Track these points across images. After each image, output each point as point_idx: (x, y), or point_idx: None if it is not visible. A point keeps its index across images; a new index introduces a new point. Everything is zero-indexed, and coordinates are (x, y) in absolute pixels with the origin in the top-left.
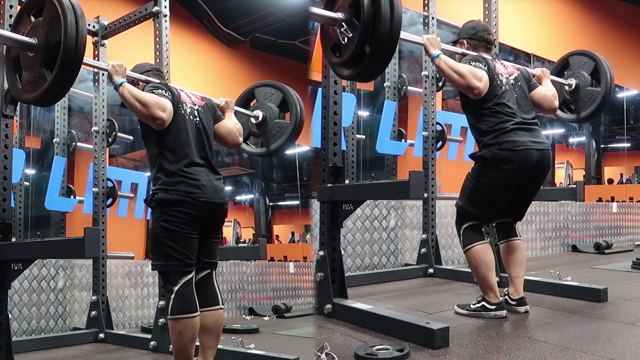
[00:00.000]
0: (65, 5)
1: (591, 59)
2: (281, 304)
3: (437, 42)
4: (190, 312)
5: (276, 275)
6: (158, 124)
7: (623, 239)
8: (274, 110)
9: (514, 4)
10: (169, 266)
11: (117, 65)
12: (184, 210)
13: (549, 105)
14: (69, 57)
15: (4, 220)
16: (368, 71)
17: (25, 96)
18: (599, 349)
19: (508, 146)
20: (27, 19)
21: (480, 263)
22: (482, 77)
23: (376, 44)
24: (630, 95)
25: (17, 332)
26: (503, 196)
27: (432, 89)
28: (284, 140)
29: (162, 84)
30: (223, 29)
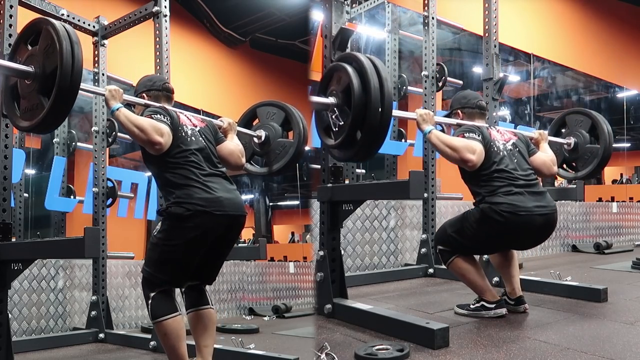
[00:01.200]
0: (61, 33)
1: (588, 117)
2: (281, 304)
3: (430, 116)
4: (170, 313)
5: (276, 275)
6: (156, 148)
7: (623, 239)
8: (276, 130)
9: (514, 4)
10: (156, 277)
11: (113, 90)
12: (197, 225)
13: (549, 170)
14: (65, 84)
15: (4, 220)
16: (360, 155)
17: (23, 124)
18: (599, 349)
19: (511, 209)
20: (23, 47)
21: (464, 271)
22: (475, 149)
23: (367, 131)
24: (630, 95)
25: (17, 332)
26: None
27: (432, 89)
28: (287, 160)
29: (161, 107)
30: (223, 29)
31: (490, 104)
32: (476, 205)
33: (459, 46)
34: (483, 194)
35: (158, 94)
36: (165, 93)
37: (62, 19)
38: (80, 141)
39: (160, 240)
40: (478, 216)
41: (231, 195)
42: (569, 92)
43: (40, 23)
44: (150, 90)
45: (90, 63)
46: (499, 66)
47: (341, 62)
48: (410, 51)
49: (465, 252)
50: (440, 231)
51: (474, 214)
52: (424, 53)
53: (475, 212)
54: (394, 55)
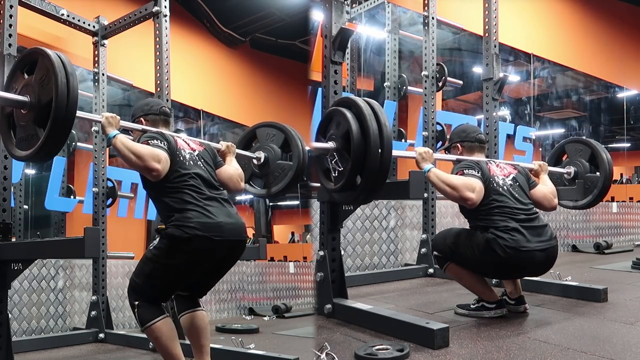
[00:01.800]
0: (56, 64)
1: (587, 146)
2: (281, 304)
3: (429, 155)
4: (156, 317)
5: (276, 275)
6: (154, 175)
7: (623, 239)
8: (276, 152)
9: (514, 4)
10: (144, 290)
11: (110, 117)
12: (194, 249)
13: (549, 203)
14: (60, 116)
15: (4, 220)
16: (361, 199)
17: (19, 153)
18: (599, 349)
19: (512, 244)
20: (20, 75)
21: (461, 274)
22: (474, 187)
23: (367, 175)
24: (630, 95)
25: (17, 332)
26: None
27: (432, 89)
28: (286, 182)
29: (158, 132)
30: (223, 29)
31: (490, 104)
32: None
33: (459, 46)
34: (485, 226)
35: (156, 118)
36: (163, 117)
37: (62, 19)
38: (80, 141)
39: (155, 256)
40: (483, 243)
41: (232, 220)
42: (569, 92)
43: (36, 53)
44: (148, 115)
45: (90, 63)
46: (499, 66)
47: (340, 106)
48: (410, 51)
49: (462, 265)
50: (439, 238)
51: (479, 240)
52: (424, 53)
53: (481, 239)
54: (394, 55)
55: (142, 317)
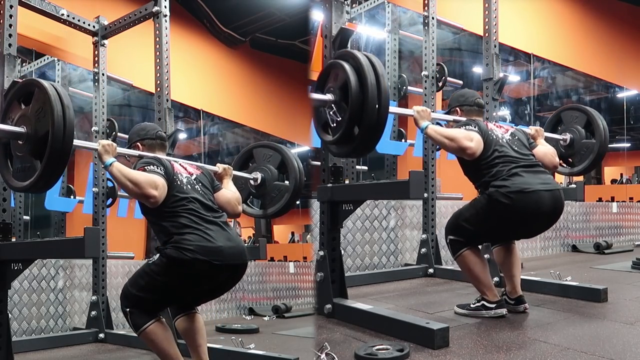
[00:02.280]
0: (52, 97)
1: (583, 113)
2: (281, 304)
3: (427, 113)
4: (150, 320)
5: (276, 275)
6: (151, 202)
7: (623, 239)
8: (272, 172)
9: (514, 4)
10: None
11: (107, 145)
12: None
13: (550, 161)
14: (57, 149)
15: (4, 220)
16: (358, 150)
17: (16, 184)
18: (599, 349)
19: (517, 187)
20: (16, 105)
21: (472, 265)
22: (473, 137)
23: (364, 126)
24: (630, 95)
25: (17, 332)
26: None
27: (432, 89)
28: (282, 204)
29: (154, 158)
30: (223, 29)
31: (490, 104)
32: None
33: (459, 46)
34: (488, 181)
35: (152, 142)
36: (159, 141)
37: (62, 19)
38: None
39: (152, 272)
40: (485, 202)
41: (232, 243)
42: (569, 92)
43: (32, 84)
44: (144, 139)
45: (90, 63)
46: (499, 66)
47: (338, 59)
48: (410, 51)
49: (476, 241)
50: (450, 221)
51: (481, 201)
52: (424, 53)
53: (482, 199)
54: (394, 55)
55: (135, 322)
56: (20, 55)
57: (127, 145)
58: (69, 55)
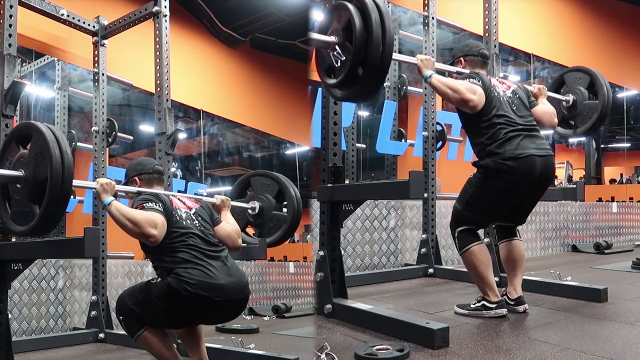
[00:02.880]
0: (50, 142)
1: (586, 74)
2: (281, 304)
3: (430, 62)
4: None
5: (276, 275)
6: (151, 241)
7: (623, 239)
8: (270, 202)
9: (514, 4)
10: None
11: (105, 184)
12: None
13: (549, 121)
14: (55, 195)
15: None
16: (361, 93)
17: (15, 228)
18: (599, 349)
19: (511, 154)
20: (14, 146)
21: (477, 263)
22: (476, 90)
23: (368, 67)
24: (630, 95)
25: (17, 332)
26: (504, 206)
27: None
28: (281, 234)
29: (152, 194)
30: (223, 29)
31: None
32: (477, 165)
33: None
34: (485, 144)
35: (150, 177)
36: (157, 175)
37: (62, 19)
38: (80, 141)
39: (152, 292)
40: (481, 175)
41: (234, 279)
42: None
43: (30, 128)
44: (141, 174)
45: (90, 63)
46: (499, 66)
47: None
48: (411, 51)
49: (482, 222)
50: (453, 213)
51: (475, 177)
52: (424, 53)
53: (477, 174)
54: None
55: (130, 328)
56: (20, 55)
57: (125, 179)
58: (69, 55)
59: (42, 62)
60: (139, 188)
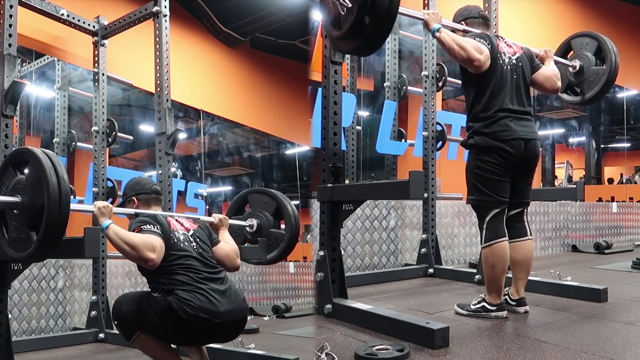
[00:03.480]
0: (47, 169)
1: (594, 39)
2: (281, 304)
3: (437, 16)
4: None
5: (276, 275)
6: (149, 265)
7: (623, 239)
8: (268, 219)
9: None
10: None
11: (102, 207)
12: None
13: (552, 86)
14: (53, 223)
15: None
16: (368, 43)
17: (12, 254)
18: (599, 349)
19: (499, 136)
20: (11, 171)
21: (497, 263)
22: (483, 50)
23: (375, 15)
24: (630, 95)
25: (17, 332)
26: (504, 177)
27: (432, 89)
28: (279, 252)
29: (149, 216)
30: (223, 29)
31: None
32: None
33: None
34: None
35: (148, 197)
36: (155, 195)
37: (62, 19)
38: (80, 141)
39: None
40: (472, 156)
41: (233, 305)
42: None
43: (26, 154)
44: (139, 194)
45: (90, 63)
46: None
47: None
48: (411, 51)
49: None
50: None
51: (469, 160)
52: (424, 53)
53: (469, 157)
54: (394, 56)
55: (126, 333)
56: (20, 55)
57: (122, 199)
58: (69, 55)
59: (42, 62)
60: (136, 210)
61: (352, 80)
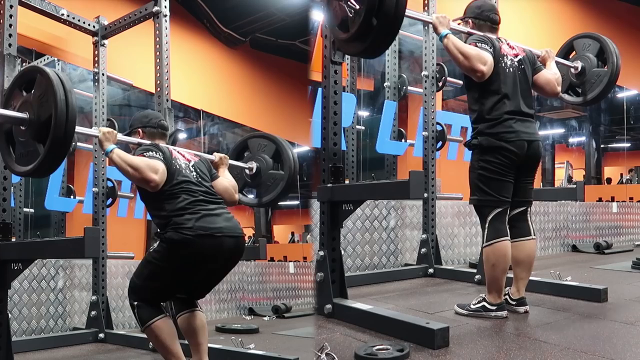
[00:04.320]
0: (54, 82)
1: (596, 41)
2: (281, 304)
3: (446, 21)
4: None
5: (276, 275)
6: (152, 186)
7: (623, 239)
8: (267, 162)
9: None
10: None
11: (107, 132)
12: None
13: (552, 89)
14: (60, 133)
15: (4, 220)
16: (375, 45)
17: (19, 169)
18: (599, 349)
19: (504, 137)
20: (18, 92)
21: (498, 262)
22: (487, 60)
23: (383, 16)
24: (630, 95)
25: (17, 332)
26: (507, 177)
27: (432, 89)
28: (277, 193)
29: (152, 144)
30: (223, 29)
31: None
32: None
33: None
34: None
35: (153, 131)
36: (161, 130)
37: (62, 19)
38: (81, 141)
39: (154, 259)
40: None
41: (230, 223)
42: None
43: (34, 71)
44: (146, 127)
45: (90, 63)
46: None
47: None
48: (410, 51)
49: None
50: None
51: (472, 161)
52: (424, 53)
53: (473, 157)
54: (394, 55)
55: (142, 317)
56: (20, 55)
57: (129, 129)
58: (69, 55)
59: (42, 62)
60: (140, 140)
61: (352, 80)
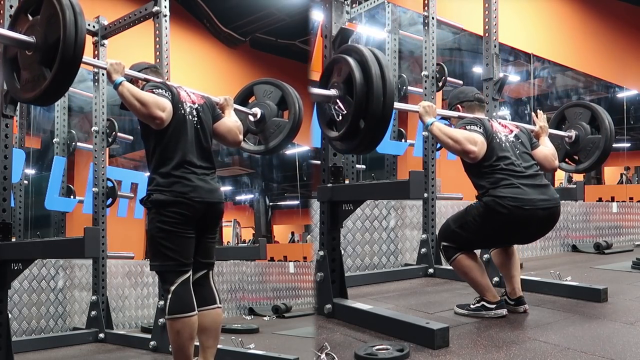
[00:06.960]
0: (64, 2)
1: (587, 109)
2: (281, 304)
3: (432, 109)
4: (187, 312)
5: (276, 275)
6: (157, 123)
7: (623, 239)
8: (272, 108)
9: (514, 4)
10: (166, 266)
11: (115, 64)
12: (178, 210)
13: (550, 165)
14: (68, 55)
15: (4, 220)
16: (364, 144)
17: (25, 95)
18: (599, 349)
19: (516, 203)
20: (24, 17)
21: (468, 268)
22: (477, 140)
23: (370, 119)
24: (630, 95)
25: (17, 332)
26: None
27: (432, 89)
28: (282, 138)
29: (162, 83)
30: (223, 29)
31: (490, 103)
32: (479, 198)
33: (459, 46)
34: (487, 187)
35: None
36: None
37: None
38: (80, 141)
39: (152, 230)
40: (482, 210)
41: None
42: (569, 92)
43: None
44: (148, 69)
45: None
46: (499, 66)
47: (341, 54)
48: (410, 51)
49: (470, 248)
50: (443, 227)
51: (477, 208)
52: (424, 53)
53: (479, 206)
54: (394, 55)
55: (173, 307)
56: None
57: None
58: None
59: None
60: (146, 76)
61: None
